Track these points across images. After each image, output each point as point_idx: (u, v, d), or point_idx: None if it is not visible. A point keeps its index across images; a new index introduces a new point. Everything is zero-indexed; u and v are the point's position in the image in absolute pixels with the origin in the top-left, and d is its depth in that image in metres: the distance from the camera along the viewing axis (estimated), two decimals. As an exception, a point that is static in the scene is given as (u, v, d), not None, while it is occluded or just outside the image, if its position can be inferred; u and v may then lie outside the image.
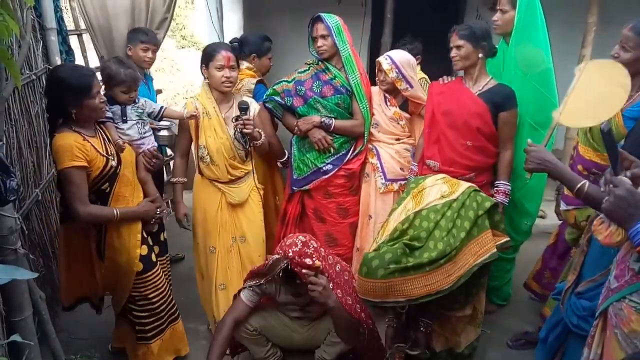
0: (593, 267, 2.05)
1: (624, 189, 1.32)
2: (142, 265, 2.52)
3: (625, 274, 1.41)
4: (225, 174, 2.84)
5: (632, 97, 2.25)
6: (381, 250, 1.94)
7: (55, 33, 3.33)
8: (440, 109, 2.78)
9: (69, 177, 2.24)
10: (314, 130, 3.07)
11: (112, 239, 2.46)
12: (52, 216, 3.19)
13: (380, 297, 1.93)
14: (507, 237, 2.18)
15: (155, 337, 2.66)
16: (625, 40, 2.17)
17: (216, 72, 2.71)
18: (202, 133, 2.78)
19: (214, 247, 2.90)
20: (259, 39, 3.48)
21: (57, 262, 3.23)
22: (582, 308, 1.97)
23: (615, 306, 1.44)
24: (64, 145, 2.22)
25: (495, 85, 2.74)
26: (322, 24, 2.99)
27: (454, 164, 2.75)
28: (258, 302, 2.58)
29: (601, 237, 1.45)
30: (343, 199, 3.20)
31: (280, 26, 4.90)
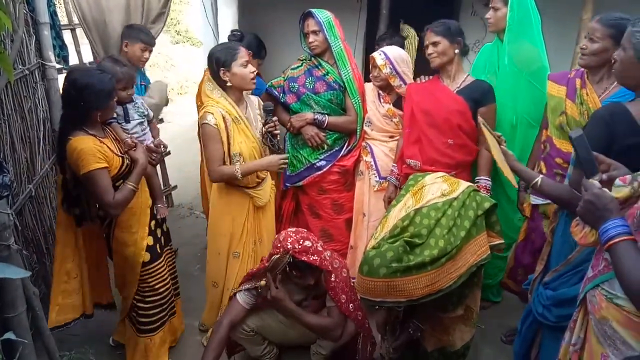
0: (557, 258, 2.12)
1: (592, 193, 1.42)
2: (149, 256, 2.58)
3: (599, 264, 1.50)
4: (254, 178, 2.76)
5: (607, 89, 2.30)
6: (382, 249, 1.93)
7: (48, 27, 3.30)
8: (419, 108, 2.78)
9: (95, 179, 2.30)
10: (307, 127, 3.07)
11: (121, 231, 2.51)
12: (45, 212, 3.17)
13: (380, 296, 1.91)
14: (501, 240, 2.19)
15: (159, 329, 2.70)
16: (592, 32, 2.23)
17: (243, 69, 2.57)
18: (234, 141, 2.61)
19: (238, 252, 2.84)
20: (258, 42, 3.53)
21: (51, 258, 3.21)
22: (546, 297, 2.03)
23: (590, 293, 1.52)
24: (85, 149, 2.27)
25: (472, 81, 2.75)
26: (312, 19, 2.99)
27: (435, 163, 2.75)
28: (254, 304, 2.58)
29: (577, 238, 1.55)
30: (337, 195, 3.20)
31: (276, 21, 4.89)
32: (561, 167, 2.46)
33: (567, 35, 4.54)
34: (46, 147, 3.24)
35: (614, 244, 1.33)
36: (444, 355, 2.33)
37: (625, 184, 1.42)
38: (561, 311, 1.95)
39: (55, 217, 3.32)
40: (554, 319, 2.00)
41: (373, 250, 1.95)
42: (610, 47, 2.19)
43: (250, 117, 2.74)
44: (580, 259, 1.90)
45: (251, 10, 4.88)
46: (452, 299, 2.17)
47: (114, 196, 2.34)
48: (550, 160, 2.54)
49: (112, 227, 2.52)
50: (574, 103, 2.38)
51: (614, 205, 1.39)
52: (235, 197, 2.78)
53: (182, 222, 4.38)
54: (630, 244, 1.31)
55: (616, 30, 2.15)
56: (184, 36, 11.10)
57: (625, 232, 1.33)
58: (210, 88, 2.66)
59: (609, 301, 1.41)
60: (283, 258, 2.33)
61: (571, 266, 1.95)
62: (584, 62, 2.31)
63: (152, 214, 2.66)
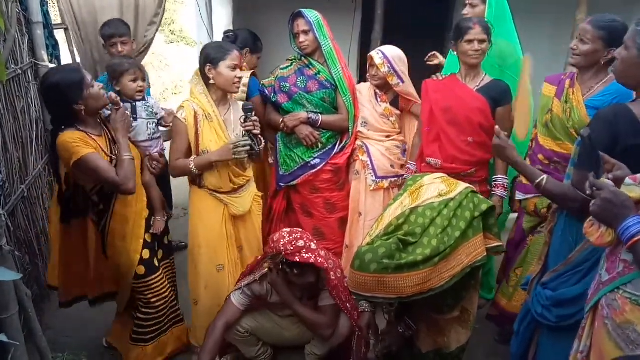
0: (555, 258, 2.10)
1: (609, 191, 1.39)
2: (143, 269, 2.51)
3: (617, 266, 1.45)
4: (227, 183, 2.64)
5: (592, 88, 2.34)
6: (375, 245, 1.93)
7: (41, 27, 3.28)
8: (439, 106, 2.78)
9: (89, 163, 2.21)
10: (302, 126, 3.06)
11: (114, 239, 2.45)
12: (38, 213, 3.15)
13: (371, 291, 1.91)
14: (500, 242, 2.18)
15: (153, 340, 2.65)
16: (584, 33, 2.26)
17: (229, 71, 2.53)
18: (203, 138, 2.55)
19: (222, 265, 2.69)
20: (253, 36, 3.51)
21: (44, 259, 3.19)
22: (546, 298, 2.01)
23: (608, 297, 1.47)
24: (71, 138, 2.21)
25: (491, 80, 2.77)
26: (302, 19, 2.99)
27: (455, 161, 2.77)
28: (249, 305, 2.56)
29: (593, 239, 1.50)
30: (330, 194, 3.20)
31: (270, 21, 4.87)
32: (542, 163, 2.50)
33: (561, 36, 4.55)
34: (39, 147, 3.22)
35: (637, 241, 1.30)
36: (440, 356, 2.32)
37: (636, 183, 1.40)
38: (561, 311, 1.94)
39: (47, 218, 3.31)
40: (554, 319, 1.98)
41: (366, 247, 1.95)
42: (600, 49, 2.23)
43: (231, 120, 2.66)
44: (580, 259, 1.89)
45: (246, 10, 4.87)
46: (447, 301, 2.16)
47: (117, 173, 2.27)
48: (534, 156, 2.58)
49: (106, 232, 2.45)
50: (559, 101, 2.42)
51: (631, 203, 1.37)
52: (208, 203, 2.65)
53: (177, 222, 4.36)
54: None
55: (607, 33, 2.18)
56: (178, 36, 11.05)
57: None
58: (195, 82, 2.62)
59: (634, 304, 1.37)
60: (275, 258, 2.33)
61: (571, 266, 1.94)
62: (574, 61, 2.35)
63: (148, 226, 2.57)
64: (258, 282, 2.52)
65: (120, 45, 3.25)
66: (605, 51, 2.22)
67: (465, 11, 3.12)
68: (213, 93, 2.60)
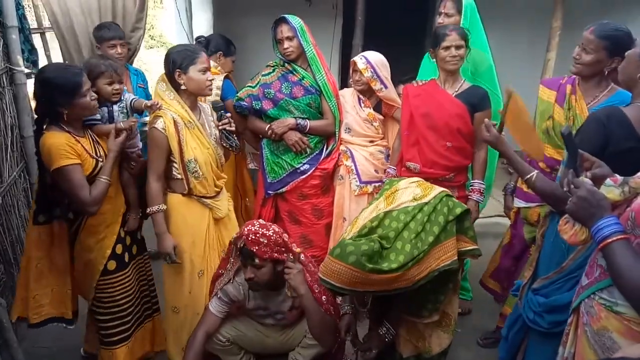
0: (547, 263, 2.11)
1: (585, 189, 1.39)
2: (114, 264, 2.46)
3: (595, 271, 1.45)
4: (212, 187, 2.62)
5: (597, 97, 2.32)
6: (358, 241, 1.93)
7: (16, 31, 3.21)
8: (418, 112, 2.81)
9: (67, 175, 2.19)
10: (290, 132, 3.06)
11: (87, 235, 2.40)
12: (13, 221, 3.07)
13: (342, 282, 1.89)
14: (475, 245, 2.19)
15: (120, 343, 2.56)
16: (587, 43, 2.22)
17: (200, 75, 2.46)
18: (187, 146, 2.47)
19: (202, 271, 2.65)
20: (225, 40, 3.52)
21: (19, 268, 3.12)
22: (538, 304, 2.02)
23: (586, 303, 1.47)
24: (56, 143, 2.16)
25: (470, 86, 2.80)
26: (287, 25, 2.99)
27: (434, 165, 2.79)
28: (227, 312, 2.53)
29: (567, 237, 1.51)
30: (317, 199, 3.20)
31: (251, 26, 4.87)
32: (544, 171, 2.47)
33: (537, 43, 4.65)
34: (14, 154, 3.14)
35: (608, 243, 1.29)
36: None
37: (615, 185, 1.40)
38: (554, 317, 1.94)
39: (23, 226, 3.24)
40: (546, 325, 1.98)
41: (349, 240, 1.94)
42: (604, 58, 2.18)
43: (205, 123, 2.62)
44: (574, 266, 1.88)
45: (226, 15, 4.86)
46: (426, 305, 2.16)
47: (90, 192, 2.24)
48: (534, 163, 2.56)
49: (80, 230, 2.40)
50: (561, 108, 2.40)
51: (607, 203, 1.36)
52: (194, 209, 2.59)
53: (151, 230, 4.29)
54: (626, 244, 1.28)
55: (611, 43, 2.14)
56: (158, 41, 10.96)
57: (619, 230, 1.29)
58: (163, 89, 2.51)
59: (608, 310, 1.36)
60: (237, 240, 2.31)
61: (564, 273, 1.93)
62: (576, 70, 2.31)
63: (123, 221, 2.55)
64: (232, 282, 2.47)
65: (119, 47, 3.27)
66: (609, 60, 2.18)
67: (440, 20, 3.16)
68: (185, 99, 2.51)
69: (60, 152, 2.16)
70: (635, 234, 1.31)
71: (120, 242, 2.50)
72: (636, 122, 1.74)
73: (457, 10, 3.08)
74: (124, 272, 2.52)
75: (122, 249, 2.50)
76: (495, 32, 3.20)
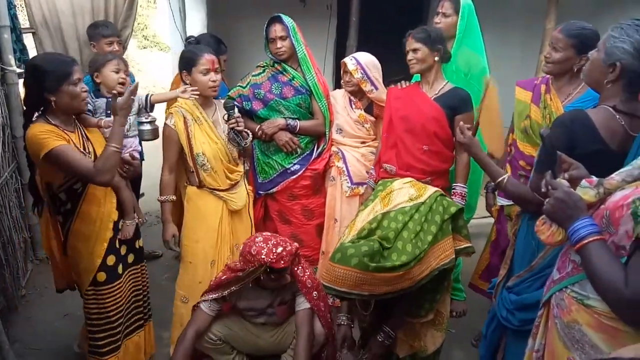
0: (520, 261, 2.15)
1: (563, 191, 1.42)
2: (104, 276, 2.36)
3: (567, 266, 1.49)
4: (224, 180, 2.74)
5: (570, 95, 2.37)
6: (358, 243, 1.94)
7: (8, 31, 3.21)
8: (397, 114, 2.80)
9: (62, 155, 2.07)
10: (280, 133, 3.06)
11: (76, 240, 2.30)
12: (5, 221, 3.06)
13: (347, 286, 1.90)
14: (469, 243, 2.21)
15: (110, 354, 2.47)
16: (556, 42, 2.31)
17: (202, 77, 2.60)
18: (196, 141, 2.64)
19: (214, 261, 2.75)
20: (215, 39, 3.51)
21: (11, 270, 3.10)
22: (510, 302, 2.05)
23: (557, 296, 1.50)
24: (40, 130, 2.08)
25: (451, 88, 2.77)
26: (280, 25, 2.99)
27: (410, 169, 2.75)
28: (219, 310, 2.52)
29: (544, 237, 1.53)
30: (307, 200, 3.20)
31: (244, 26, 4.87)
32: (524, 169, 2.52)
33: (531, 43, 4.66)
34: (5, 154, 3.13)
35: (585, 244, 1.32)
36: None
37: (591, 186, 1.42)
38: (524, 315, 1.97)
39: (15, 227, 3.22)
40: (517, 323, 2.01)
41: (348, 243, 1.95)
42: (572, 56, 2.27)
43: (219, 120, 2.74)
44: (543, 265, 1.92)
45: (219, 15, 4.84)
46: (424, 305, 2.18)
47: (93, 167, 2.12)
48: (515, 162, 2.61)
49: (68, 234, 2.30)
50: (538, 107, 2.45)
51: (583, 204, 1.39)
52: (208, 200, 2.74)
53: (150, 230, 4.28)
54: (601, 244, 1.31)
55: (578, 40, 2.23)
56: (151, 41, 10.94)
57: (595, 231, 1.32)
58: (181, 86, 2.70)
59: (579, 303, 1.40)
60: (259, 269, 2.30)
61: (534, 271, 1.96)
62: (547, 69, 2.40)
63: (116, 230, 2.40)
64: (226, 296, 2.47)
65: (116, 45, 3.28)
66: (578, 58, 2.26)
67: (437, 20, 3.16)
68: (198, 97, 2.67)
69: (45, 136, 2.07)
70: (609, 231, 1.34)
71: (113, 252, 2.38)
72: (600, 125, 1.76)
73: (454, 10, 3.07)
74: (117, 283, 2.42)
75: (114, 260, 2.39)
76: (490, 32, 3.20)
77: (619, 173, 1.41)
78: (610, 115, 1.75)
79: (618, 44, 1.68)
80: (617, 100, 1.74)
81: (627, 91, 1.72)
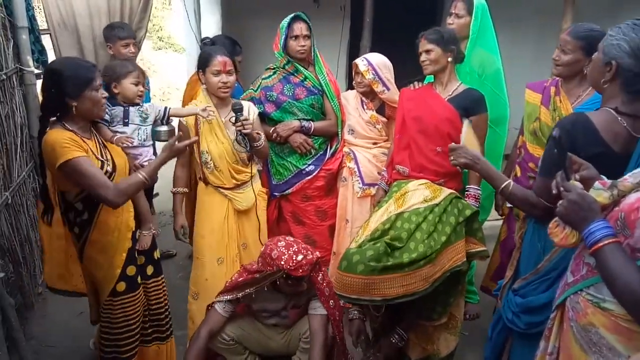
0: (526, 263, 2.12)
1: (577, 193, 1.40)
2: (124, 286, 2.29)
3: (581, 269, 1.47)
4: (229, 179, 2.79)
5: (580, 97, 2.36)
6: (363, 247, 1.94)
7: (26, 32, 3.25)
8: (410, 115, 2.78)
9: (78, 168, 2.02)
10: (295, 135, 3.07)
11: (93, 251, 2.24)
12: (22, 220, 3.11)
13: (357, 292, 1.91)
14: (484, 247, 2.19)
15: None
16: (564, 44, 2.30)
17: (213, 77, 2.66)
18: (203, 138, 2.73)
19: (222, 258, 2.81)
20: (230, 40, 3.54)
21: (28, 267, 3.15)
22: (516, 304, 2.03)
23: (572, 299, 1.48)
24: (59, 138, 2.03)
25: (465, 89, 2.75)
26: (305, 24, 3.00)
27: (423, 170, 2.73)
28: (233, 312, 2.54)
29: (557, 240, 1.51)
30: (320, 201, 3.21)
31: (259, 27, 4.88)
32: (534, 171, 2.49)
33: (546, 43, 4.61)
34: (23, 153, 3.18)
35: (600, 247, 1.30)
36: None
37: (604, 188, 1.40)
38: (530, 318, 1.95)
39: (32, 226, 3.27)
40: (523, 326, 1.99)
41: (354, 248, 1.95)
42: (581, 58, 2.26)
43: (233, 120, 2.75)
44: (549, 267, 1.90)
45: (234, 16, 4.87)
46: (436, 308, 2.17)
47: (110, 186, 2.05)
48: (524, 164, 2.59)
49: (85, 244, 2.23)
50: (547, 110, 2.44)
51: (598, 206, 1.37)
52: (214, 197, 2.82)
53: (164, 229, 4.32)
54: (617, 247, 1.29)
55: (586, 42, 2.22)
56: (166, 42, 11.02)
57: (610, 234, 1.31)
58: (203, 87, 2.79)
59: (595, 306, 1.38)
60: (276, 274, 2.31)
61: (540, 274, 1.95)
62: (557, 71, 2.39)
63: (134, 240, 2.35)
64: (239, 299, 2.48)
65: (132, 46, 3.33)
66: (586, 60, 2.22)
67: (450, 20, 3.14)
68: (212, 96, 2.75)
69: (64, 145, 2.02)
70: (624, 234, 1.32)
71: (132, 262, 2.33)
72: (602, 127, 1.72)
73: (467, 11, 3.06)
74: (135, 293, 2.35)
75: (134, 271, 2.34)
76: (504, 32, 3.18)
77: (632, 175, 1.39)
78: (612, 117, 1.72)
79: (614, 43, 1.67)
80: (618, 101, 1.72)
81: (626, 91, 1.70)
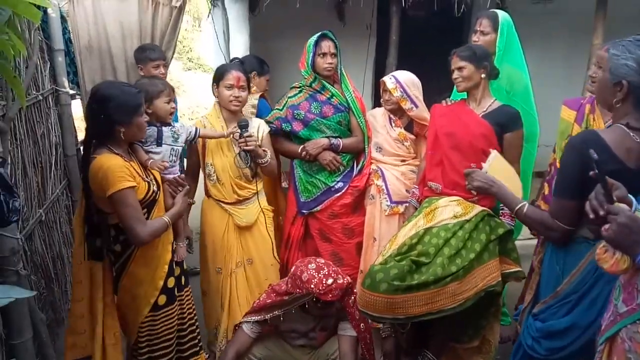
0: (545, 287, 2.05)
1: (625, 216, 1.32)
2: (165, 299, 2.32)
3: (636, 297, 1.39)
4: (231, 194, 2.81)
5: None
6: (388, 265, 1.90)
7: (62, 54, 3.37)
8: (443, 131, 2.75)
9: (125, 199, 2.07)
10: (324, 152, 3.08)
11: (138, 266, 2.26)
12: (55, 237, 3.17)
13: (379, 311, 1.88)
14: (519, 267, 2.13)
15: None
16: (600, 60, 2.22)
17: (225, 91, 2.74)
18: (209, 151, 2.80)
19: (220, 268, 2.89)
20: (258, 60, 3.62)
21: (60, 284, 3.20)
22: (535, 329, 1.95)
23: (629, 329, 1.40)
24: (113, 166, 2.07)
25: (499, 106, 2.71)
26: (332, 42, 3.04)
27: (456, 187, 2.67)
28: (260, 333, 2.53)
29: (607, 266, 1.43)
30: (347, 218, 3.19)
31: (286, 47, 4.94)
32: None
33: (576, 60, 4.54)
34: (57, 172, 3.26)
35: None
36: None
37: None
38: (550, 344, 1.87)
39: (65, 242, 3.33)
40: (543, 352, 1.90)
41: (378, 266, 1.92)
42: None
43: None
44: (568, 291, 1.84)
45: (263, 36, 4.94)
46: (467, 330, 2.12)
47: (145, 223, 2.12)
48: (553, 182, 2.52)
49: (129, 262, 2.25)
50: (580, 127, 2.38)
51: None
52: (214, 211, 2.88)
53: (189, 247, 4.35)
54: None
55: None
56: (195, 63, 11.27)
57: None
58: (216, 100, 2.89)
59: None
60: (305, 297, 2.29)
61: (560, 297, 1.88)
62: (593, 88, 2.31)
63: (172, 251, 2.40)
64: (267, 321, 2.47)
65: (162, 68, 3.42)
66: None
67: (475, 38, 3.12)
68: (223, 110, 2.84)
69: (117, 174, 2.06)
70: None
71: (172, 274, 2.36)
72: (614, 144, 1.67)
73: (492, 28, 3.04)
74: (172, 306, 2.37)
75: (173, 282, 2.37)
76: (534, 48, 3.14)
77: None
78: (624, 133, 1.67)
79: (621, 62, 1.63)
80: (630, 117, 1.67)
81: (638, 108, 1.65)
